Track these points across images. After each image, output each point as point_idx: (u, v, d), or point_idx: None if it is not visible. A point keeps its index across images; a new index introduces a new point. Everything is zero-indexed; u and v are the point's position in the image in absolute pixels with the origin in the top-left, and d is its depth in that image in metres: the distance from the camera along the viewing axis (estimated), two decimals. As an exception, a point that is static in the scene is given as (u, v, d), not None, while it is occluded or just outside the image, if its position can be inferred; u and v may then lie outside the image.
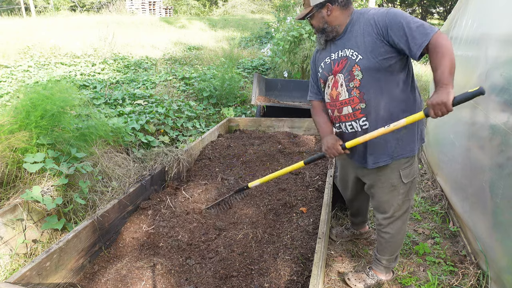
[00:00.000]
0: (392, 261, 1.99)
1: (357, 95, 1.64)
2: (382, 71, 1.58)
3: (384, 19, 1.53)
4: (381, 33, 1.54)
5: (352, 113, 1.68)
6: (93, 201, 2.39)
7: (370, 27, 1.56)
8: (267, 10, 26.15)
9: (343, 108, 1.71)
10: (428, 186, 3.25)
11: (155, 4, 23.01)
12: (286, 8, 9.67)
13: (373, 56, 1.56)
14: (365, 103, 1.64)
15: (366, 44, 1.57)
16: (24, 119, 2.48)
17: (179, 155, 2.86)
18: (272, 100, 5.02)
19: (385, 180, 1.78)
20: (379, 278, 2.01)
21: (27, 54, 8.05)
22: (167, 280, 1.81)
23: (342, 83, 1.67)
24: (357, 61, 1.60)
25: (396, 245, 1.93)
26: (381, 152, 1.72)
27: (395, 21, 1.50)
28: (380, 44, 1.55)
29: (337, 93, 1.70)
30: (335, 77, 1.70)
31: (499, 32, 2.07)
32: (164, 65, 8.46)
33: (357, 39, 1.60)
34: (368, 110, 1.64)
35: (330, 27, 1.66)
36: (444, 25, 3.70)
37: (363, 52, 1.58)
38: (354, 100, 1.65)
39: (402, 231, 1.91)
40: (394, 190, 1.79)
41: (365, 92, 1.62)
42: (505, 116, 1.80)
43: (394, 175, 1.76)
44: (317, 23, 1.68)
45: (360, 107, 1.65)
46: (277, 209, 2.44)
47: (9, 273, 1.96)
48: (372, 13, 1.59)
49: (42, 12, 21.11)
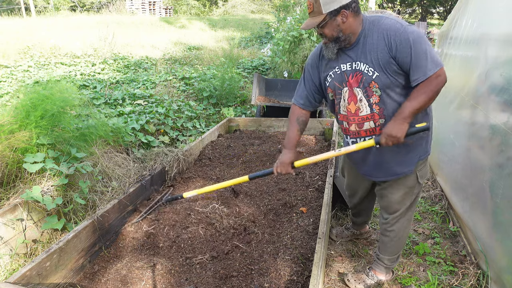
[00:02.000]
0: (393, 261, 1.99)
1: (377, 111, 1.62)
2: (395, 87, 1.57)
3: (395, 37, 1.48)
4: (392, 51, 1.50)
5: (374, 128, 1.65)
6: (93, 201, 2.39)
7: (383, 42, 1.52)
8: (267, 10, 26.15)
9: (364, 124, 1.66)
10: (428, 186, 3.25)
11: (155, 4, 23.01)
12: (286, 8, 9.68)
13: (387, 73, 1.54)
14: (384, 119, 1.62)
15: (380, 60, 1.53)
16: (24, 119, 2.48)
17: (179, 155, 2.86)
18: (272, 100, 5.02)
19: (401, 182, 1.77)
20: (379, 278, 2.01)
21: (27, 54, 8.06)
22: (167, 280, 1.81)
23: (361, 98, 1.62)
24: (374, 78, 1.56)
25: (400, 243, 1.93)
26: (400, 163, 1.71)
27: (406, 44, 1.47)
28: (391, 61, 1.52)
29: (356, 108, 1.65)
30: (351, 90, 1.64)
31: (499, 32, 2.07)
32: (164, 65, 8.46)
33: (371, 54, 1.55)
34: None
35: (344, 35, 1.56)
36: (444, 25, 3.70)
37: (379, 69, 1.54)
38: (375, 116, 1.63)
39: (407, 228, 1.91)
40: (409, 191, 1.79)
41: (384, 108, 1.60)
42: (505, 116, 1.80)
43: (412, 177, 1.75)
44: (331, 32, 1.56)
45: (380, 123, 1.63)
46: (277, 209, 2.44)
47: (9, 273, 1.96)
48: (386, 27, 1.52)
49: (42, 12, 21.11)
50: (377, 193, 1.92)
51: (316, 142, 3.73)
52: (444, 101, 3.02)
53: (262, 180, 2.87)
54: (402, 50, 1.47)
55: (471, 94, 2.35)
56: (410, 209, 1.85)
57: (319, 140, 3.78)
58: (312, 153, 3.39)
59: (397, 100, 1.59)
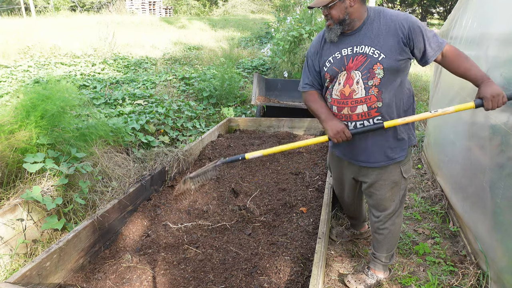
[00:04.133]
0: (390, 258, 2.01)
1: (375, 94, 1.63)
2: (398, 72, 1.63)
3: (407, 23, 1.59)
4: (405, 36, 1.59)
5: (367, 111, 1.66)
6: (93, 201, 2.38)
7: (394, 28, 1.60)
8: (267, 10, 26.17)
9: (357, 107, 1.67)
10: (428, 186, 3.25)
11: (155, 4, 23.01)
12: (286, 8, 9.68)
13: (394, 57, 1.60)
14: (382, 102, 1.64)
15: (390, 44, 1.59)
16: (24, 119, 2.48)
17: (179, 155, 2.86)
18: (272, 100, 5.02)
19: (387, 177, 1.79)
20: (378, 276, 2.01)
21: (27, 54, 8.06)
22: (167, 280, 1.81)
23: (358, 80, 1.64)
24: (379, 60, 1.60)
25: (394, 240, 1.95)
26: (381, 151, 1.74)
27: (415, 26, 1.59)
28: (402, 46, 1.60)
29: (351, 91, 1.66)
30: (349, 73, 1.66)
31: (499, 32, 2.07)
32: (164, 65, 8.46)
33: (379, 38, 1.61)
34: (383, 109, 1.65)
35: (349, 19, 1.62)
36: (444, 25, 3.69)
37: (386, 52, 1.59)
38: (372, 99, 1.64)
39: (399, 225, 1.94)
40: (395, 186, 1.81)
41: (383, 91, 1.63)
42: (505, 116, 1.80)
43: (395, 172, 1.78)
44: (338, 13, 1.61)
45: (376, 106, 1.64)
46: (277, 209, 2.44)
47: (9, 273, 1.96)
48: (393, 15, 1.63)
49: (42, 12, 21.10)
50: (365, 192, 1.93)
51: (316, 142, 3.73)
52: (444, 101, 3.01)
53: (262, 180, 2.88)
54: (416, 34, 1.58)
55: (472, 94, 2.35)
56: (400, 205, 1.88)
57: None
58: (312, 153, 3.39)
59: (395, 84, 1.65)
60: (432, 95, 3.76)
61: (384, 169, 1.78)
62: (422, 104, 5.79)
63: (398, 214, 1.90)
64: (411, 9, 21.22)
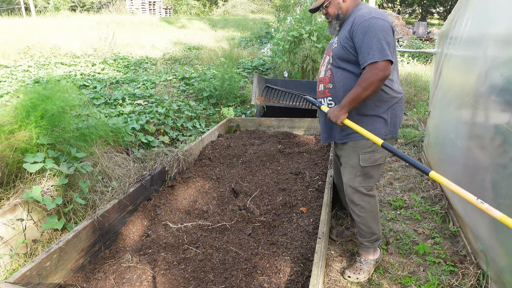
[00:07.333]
0: (373, 241, 2.08)
1: (328, 76, 1.90)
2: (345, 61, 1.81)
3: (359, 23, 1.72)
4: (350, 34, 1.76)
5: (323, 90, 1.95)
6: (93, 201, 2.38)
7: (350, 24, 1.78)
8: (267, 10, 26.17)
9: (319, 85, 1.98)
10: (428, 186, 3.25)
11: (155, 4, 23.01)
12: (286, 8, 9.68)
13: (343, 47, 1.79)
14: (332, 84, 1.88)
15: (342, 37, 1.82)
16: (24, 119, 2.48)
17: (179, 155, 2.86)
18: (272, 100, 5.02)
19: (347, 161, 1.96)
20: (370, 258, 2.08)
21: (27, 54, 8.06)
22: (167, 280, 1.81)
23: (324, 63, 1.95)
24: (332, 48, 1.87)
25: (368, 227, 2.01)
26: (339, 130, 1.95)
27: (361, 31, 1.70)
28: (348, 41, 1.78)
29: (320, 71, 1.99)
30: (324, 57, 1.98)
31: (499, 32, 2.07)
32: (164, 65, 8.46)
33: (343, 31, 1.84)
34: (334, 91, 1.88)
35: (342, 14, 1.87)
36: (444, 25, 3.70)
37: (339, 43, 1.83)
38: (326, 80, 1.92)
39: (369, 210, 1.99)
40: (352, 170, 1.94)
41: (334, 74, 1.86)
42: (507, 116, 1.80)
43: (354, 157, 1.92)
44: (333, 9, 1.88)
45: (328, 87, 1.91)
46: (277, 209, 2.44)
47: (9, 273, 1.96)
48: (358, 13, 1.78)
49: (42, 12, 21.11)
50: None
51: (316, 142, 3.73)
52: (444, 101, 3.01)
53: (262, 180, 2.88)
54: (358, 33, 1.70)
55: (472, 94, 2.35)
56: (360, 192, 1.95)
57: (319, 140, 3.78)
58: (312, 153, 3.39)
59: (345, 73, 1.83)
60: (432, 95, 3.76)
61: (345, 149, 1.94)
62: (422, 104, 5.79)
63: (363, 198, 1.97)
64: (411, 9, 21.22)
